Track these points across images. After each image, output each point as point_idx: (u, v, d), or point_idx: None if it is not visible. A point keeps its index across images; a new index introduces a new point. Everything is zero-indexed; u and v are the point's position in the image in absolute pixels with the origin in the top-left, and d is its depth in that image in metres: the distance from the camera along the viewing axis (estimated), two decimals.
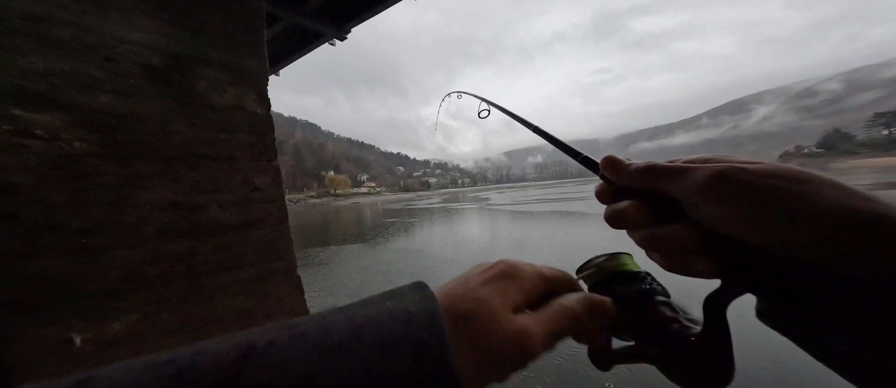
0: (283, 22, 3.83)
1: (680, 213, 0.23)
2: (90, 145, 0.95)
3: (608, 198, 0.28)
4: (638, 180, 0.26)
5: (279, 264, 1.50)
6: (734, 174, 0.20)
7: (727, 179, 0.20)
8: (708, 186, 0.21)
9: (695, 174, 0.22)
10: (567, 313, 0.23)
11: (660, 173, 0.24)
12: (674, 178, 0.23)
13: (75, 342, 0.92)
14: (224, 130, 1.28)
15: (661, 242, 0.24)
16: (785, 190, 0.19)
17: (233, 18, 1.33)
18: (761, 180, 0.20)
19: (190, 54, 1.18)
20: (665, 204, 0.24)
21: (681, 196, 0.23)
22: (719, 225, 0.21)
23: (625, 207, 0.26)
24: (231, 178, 1.30)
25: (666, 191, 0.24)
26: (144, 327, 1.04)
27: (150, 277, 1.06)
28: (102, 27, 0.96)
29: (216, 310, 1.24)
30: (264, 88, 1.46)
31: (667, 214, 0.24)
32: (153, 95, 1.07)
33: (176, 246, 1.12)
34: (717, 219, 0.21)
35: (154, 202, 1.07)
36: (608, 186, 0.28)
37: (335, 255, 9.06)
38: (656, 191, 0.24)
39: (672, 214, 0.24)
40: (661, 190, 0.24)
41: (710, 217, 0.21)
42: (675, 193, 0.23)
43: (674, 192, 0.23)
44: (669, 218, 0.24)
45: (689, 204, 0.22)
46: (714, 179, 0.21)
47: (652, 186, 0.25)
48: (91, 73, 0.94)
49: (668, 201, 0.24)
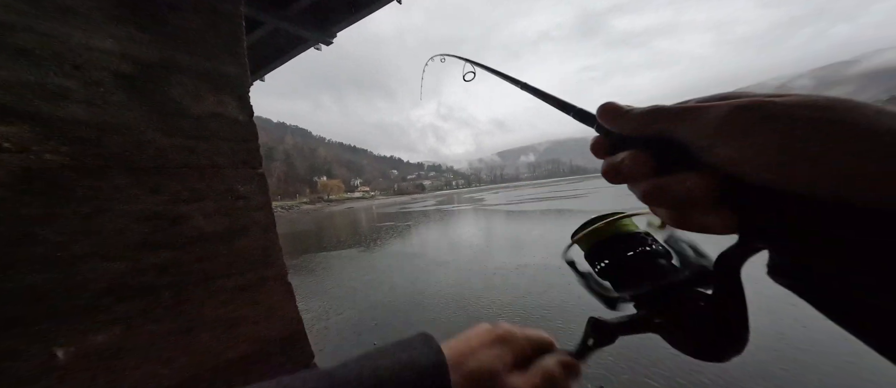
0: (265, 26, 3.79)
1: (690, 160, 0.20)
2: (62, 157, 0.92)
3: (605, 151, 0.25)
4: (641, 126, 0.23)
5: (268, 272, 1.48)
6: (760, 108, 0.18)
7: (751, 114, 0.18)
8: (727, 124, 0.18)
9: (710, 112, 0.19)
10: (547, 375, 0.26)
11: (667, 115, 0.21)
12: (685, 119, 0.20)
13: (58, 356, 0.90)
14: (203, 139, 1.26)
15: (667, 193, 0.21)
16: (825, 120, 0.16)
17: (209, 23, 1.31)
18: (794, 112, 0.17)
19: (164, 61, 1.16)
20: (672, 151, 0.21)
21: (693, 139, 0.20)
22: (740, 169, 0.18)
23: (624, 157, 0.23)
24: (213, 186, 1.28)
25: (674, 135, 0.21)
26: (130, 338, 1.02)
27: (134, 288, 1.04)
28: (70, 35, 0.94)
29: (205, 319, 1.22)
30: (246, 94, 1.44)
31: (674, 162, 0.21)
32: (126, 103, 1.05)
33: (158, 257, 1.10)
34: (737, 162, 0.18)
35: (133, 213, 1.04)
36: (605, 138, 0.25)
37: (329, 261, 8.98)
38: (662, 137, 0.22)
39: (681, 161, 0.21)
40: (669, 135, 0.21)
41: (729, 161, 0.18)
42: (686, 136, 0.20)
43: (684, 135, 0.20)
44: (677, 166, 0.21)
45: (703, 147, 0.19)
46: (735, 114, 0.18)
47: (658, 131, 0.22)
48: (59, 82, 0.92)
49: (676, 147, 0.21)
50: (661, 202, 0.22)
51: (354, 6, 3.96)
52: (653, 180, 0.22)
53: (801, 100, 0.17)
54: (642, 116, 0.22)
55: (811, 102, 0.17)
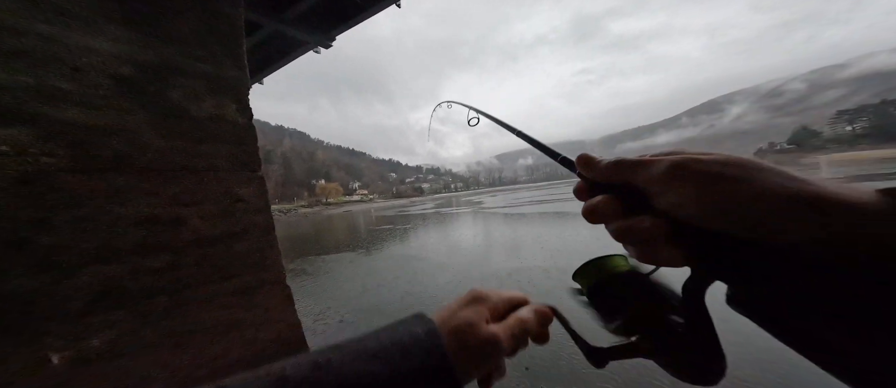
0: (265, 30, 3.80)
1: (647, 204, 0.24)
2: (60, 160, 0.92)
3: (585, 194, 0.29)
4: (608, 175, 0.27)
5: (267, 275, 1.48)
6: (687, 164, 0.22)
7: (682, 169, 0.22)
8: (666, 177, 0.23)
9: (656, 166, 0.24)
10: (520, 320, 0.31)
11: (626, 167, 0.26)
12: (638, 170, 0.25)
13: (53, 361, 0.89)
14: (203, 141, 1.26)
15: (630, 233, 0.25)
16: (732, 177, 0.20)
17: (209, 27, 1.31)
18: (711, 168, 0.21)
19: (164, 64, 1.16)
20: (634, 196, 0.25)
21: (646, 187, 0.24)
22: (680, 213, 0.22)
23: (598, 201, 0.27)
24: (212, 189, 1.28)
25: (633, 183, 0.25)
26: (126, 342, 1.01)
27: (130, 292, 1.03)
28: (69, 37, 0.94)
29: (202, 322, 1.21)
30: (245, 97, 1.44)
31: (635, 205, 0.25)
32: (126, 106, 1.05)
33: (155, 260, 1.09)
34: (676, 207, 0.22)
35: (130, 217, 1.04)
36: (584, 183, 0.30)
37: (327, 264, 8.93)
38: (626, 184, 0.26)
39: (640, 205, 0.25)
40: (630, 183, 0.25)
41: (671, 206, 0.23)
42: (641, 184, 0.25)
43: (640, 183, 0.25)
44: (638, 210, 0.25)
45: (653, 194, 0.24)
46: (670, 169, 0.23)
47: (621, 179, 0.26)
48: (58, 85, 0.91)
49: (636, 193, 0.25)
50: (628, 240, 0.26)
51: (354, 9, 3.99)
52: (620, 222, 0.26)
53: (719, 159, 0.22)
54: (608, 167, 0.27)
55: (724, 161, 0.21)
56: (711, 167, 0.21)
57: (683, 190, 0.22)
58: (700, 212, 0.21)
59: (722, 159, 0.22)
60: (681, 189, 0.22)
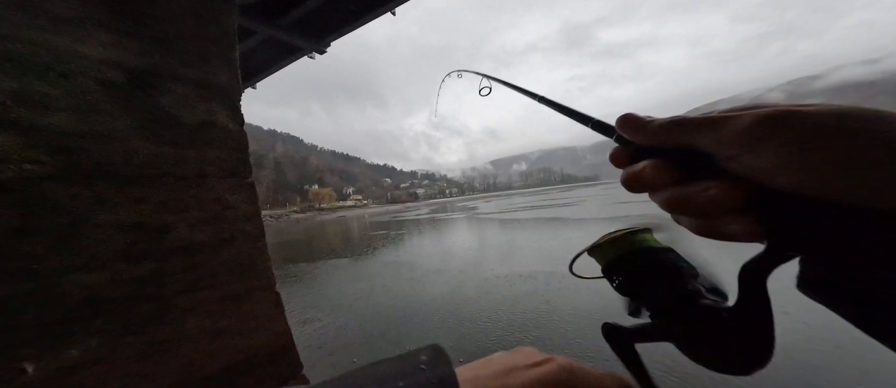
0: (258, 35, 3.80)
1: (714, 169, 0.20)
2: (43, 167, 0.90)
3: (625, 161, 0.25)
4: (663, 137, 0.23)
5: (256, 282, 1.46)
6: (786, 117, 0.18)
7: (778, 123, 0.18)
8: (753, 133, 0.18)
9: (735, 122, 0.19)
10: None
11: (690, 126, 0.21)
12: (709, 129, 0.20)
13: (27, 371, 0.86)
14: (193, 147, 1.25)
15: (690, 201, 0.21)
16: (850, 130, 0.16)
17: (201, 32, 1.31)
18: (820, 120, 0.17)
19: (154, 69, 1.15)
20: (695, 160, 0.21)
21: (717, 149, 0.20)
22: (766, 177, 0.18)
23: (644, 166, 0.23)
24: (201, 196, 1.27)
25: (697, 145, 0.21)
26: (107, 351, 0.98)
27: (113, 300, 1.01)
28: (55, 42, 0.93)
29: (187, 331, 1.19)
30: (237, 103, 1.44)
31: (697, 171, 0.21)
32: (113, 112, 1.04)
33: (140, 268, 1.07)
34: (764, 170, 0.18)
35: (114, 224, 1.02)
36: (624, 149, 0.26)
37: (319, 270, 8.81)
38: (685, 147, 0.22)
39: (704, 170, 0.21)
40: (691, 145, 0.21)
41: (754, 168, 0.19)
42: (710, 145, 0.20)
43: (707, 145, 0.20)
44: (700, 175, 0.21)
45: (728, 156, 0.20)
46: (761, 123, 0.18)
47: (678, 141, 0.22)
48: (43, 90, 0.90)
49: (698, 157, 0.21)
50: (684, 210, 0.22)
51: (349, 17, 4.02)
52: (676, 189, 0.22)
53: (827, 109, 0.18)
54: (664, 127, 0.22)
55: (839, 112, 0.17)
56: (823, 120, 0.17)
57: (780, 150, 0.18)
58: (800, 177, 0.17)
59: (835, 110, 0.17)
60: (777, 149, 0.18)
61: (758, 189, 0.19)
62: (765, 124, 0.18)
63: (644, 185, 0.23)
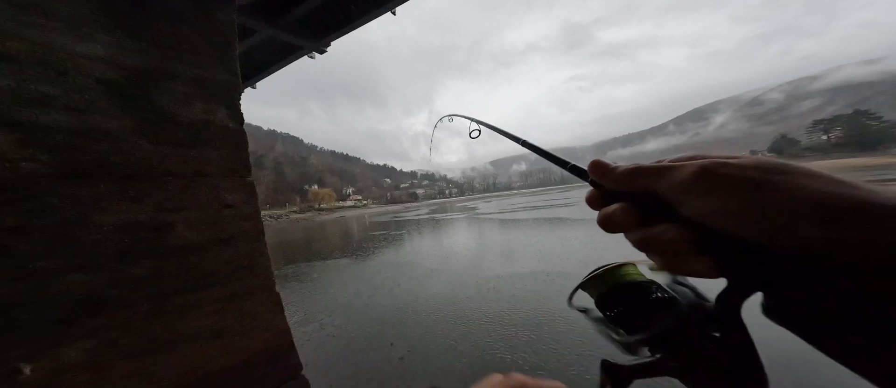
0: (258, 35, 3.80)
1: (669, 212, 0.23)
2: (40, 165, 0.89)
3: (598, 203, 0.28)
4: (625, 183, 0.25)
5: (255, 282, 1.45)
6: (717, 168, 0.20)
7: (711, 174, 0.20)
8: (693, 182, 0.21)
9: (679, 172, 0.22)
10: None
11: (645, 174, 0.24)
12: (659, 177, 0.23)
13: (24, 372, 0.85)
14: (192, 146, 1.24)
15: (653, 242, 0.23)
16: (768, 181, 0.19)
17: (201, 31, 1.31)
18: (744, 173, 0.19)
19: (153, 68, 1.15)
20: (654, 204, 0.23)
21: (668, 195, 0.23)
22: (709, 221, 0.20)
23: (614, 210, 0.25)
24: (200, 195, 1.26)
25: (654, 191, 0.24)
26: (104, 352, 0.98)
27: (110, 300, 1.00)
28: (55, 41, 0.92)
29: (186, 330, 1.18)
30: (236, 102, 1.43)
31: (656, 214, 0.23)
32: (111, 110, 1.03)
33: (138, 267, 1.06)
34: (705, 215, 0.21)
35: (112, 223, 1.01)
36: (598, 191, 0.28)
37: (318, 270, 8.80)
38: (644, 192, 0.24)
39: (662, 213, 0.23)
40: (649, 190, 0.24)
41: (698, 213, 0.21)
42: (663, 192, 0.23)
43: (661, 191, 0.23)
44: (659, 218, 0.23)
45: (677, 202, 0.22)
46: (698, 174, 0.21)
47: (639, 187, 0.24)
48: (42, 89, 0.90)
49: (656, 201, 0.23)
50: (651, 250, 0.24)
51: (349, 16, 4.02)
52: (640, 231, 0.24)
53: (752, 163, 0.20)
54: (625, 174, 0.25)
55: (759, 165, 0.20)
56: (746, 172, 0.19)
57: (714, 198, 0.20)
58: (734, 221, 0.19)
59: (755, 163, 0.20)
60: (711, 197, 0.20)
61: (708, 231, 0.21)
62: (701, 175, 0.21)
63: (615, 226, 0.25)
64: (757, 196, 0.19)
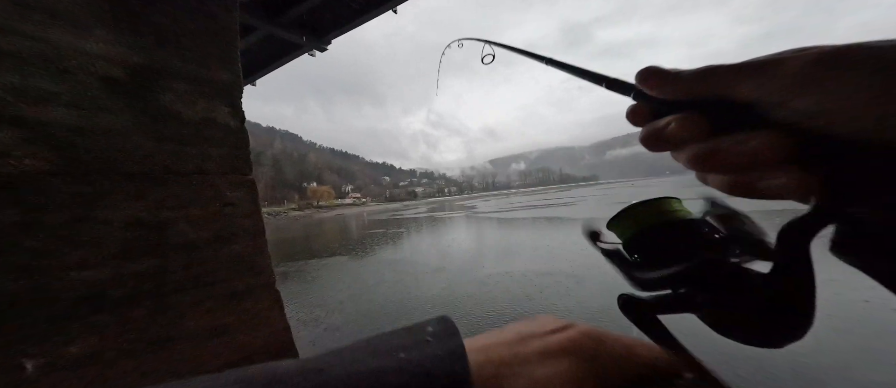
0: (259, 32, 3.78)
1: (753, 118, 0.18)
2: (43, 163, 0.90)
3: (645, 117, 0.23)
4: (694, 88, 0.20)
5: (256, 279, 1.46)
6: (850, 54, 0.16)
7: (840, 60, 0.16)
8: (810, 74, 0.16)
9: (783, 66, 0.17)
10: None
11: (727, 73, 0.19)
12: (748, 75, 0.18)
13: (26, 368, 0.86)
14: (193, 144, 1.25)
15: (725, 155, 0.19)
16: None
17: (203, 29, 1.31)
18: (885, 55, 0.15)
19: (155, 66, 1.15)
20: (731, 111, 0.19)
21: (760, 96, 0.18)
22: (826, 122, 0.16)
23: (671, 120, 0.21)
24: (201, 193, 1.26)
25: (734, 95, 0.19)
26: (106, 348, 0.98)
27: (113, 297, 1.01)
28: (58, 39, 0.92)
29: (187, 328, 1.19)
30: (238, 100, 1.44)
31: (734, 122, 0.19)
32: (114, 108, 1.03)
33: (140, 265, 1.07)
34: (819, 115, 0.16)
35: (113, 221, 1.02)
36: (644, 105, 0.23)
37: (317, 268, 8.81)
38: (719, 97, 0.19)
39: (742, 121, 0.19)
40: (727, 95, 0.19)
41: (811, 114, 0.16)
42: (750, 93, 0.18)
43: (747, 93, 0.18)
44: (738, 126, 0.19)
45: (775, 103, 0.17)
46: (820, 62, 0.16)
47: (713, 91, 0.20)
48: (44, 86, 0.90)
49: (736, 107, 0.19)
50: (716, 166, 0.20)
51: (351, 14, 4.00)
52: (707, 143, 0.20)
53: (890, 44, 0.15)
54: (696, 76, 0.20)
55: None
56: (887, 54, 0.15)
57: (838, 92, 0.15)
58: (866, 121, 0.15)
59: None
60: (834, 91, 0.16)
61: (808, 137, 0.17)
62: (822, 64, 0.16)
63: (668, 140, 0.21)
64: None
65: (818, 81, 0.16)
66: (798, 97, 0.17)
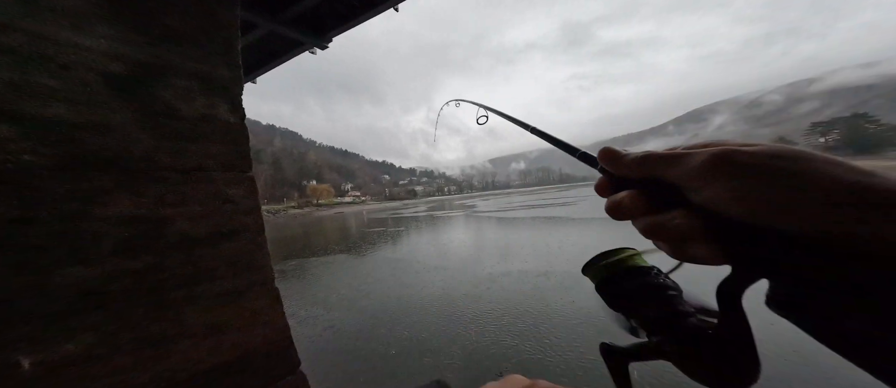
0: (260, 29, 3.77)
1: (680, 199, 0.23)
2: (41, 158, 0.89)
3: (607, 190, 0.28)
4: (635, 170, 0.25)
5: (255, 277, 1.45)
6: (733, 155, 0.20)
7: (726, 161, 0.20)
8: (708, 169, 0.21)
9: (693, 158, 0.22)
10: None
11: (657, 161, 0.24)
12: (672, 164, 0.23)
13: (23, 365, 0.85)
14: (193, 141, 1.24)
15: (662, 229, 0.24)
16: (784, 168, 0.19)
17: (204, 25, 1.30)
18: (760, 160, 0.19)
19: (155, 62, 1.14)
20: (664, 191, 0.24)
21: (680, 182, 0.23)
22: (722, 207, 0.20)
23: (622, 197, 0.25)
24: (200, 190, 1.26)
25: (665, 178, 0.24)
26: (103, 346, 0.98)
27: (110, 294, 1.00)
28: (57, 34, 0.91)
29: (185, 325, 1.18)
30: (238, 97, 1.43)
31: (666, 201, 0.23)
32: (113, 104, 1.03)
33: (137, 262, 1.06)
34: (719, 201, 0.20)
35: (112, 217, 1.01)
36: (607, 179, 0.28)
37: (317, 266, 8.80)
38: (654, 179, 0.24)
39: (672, 200, 0.23)
40: (660, 177, 0.24)
41: (711, 200, 0.21)
42: (675, 178, 0.23)
43: (673, 178, 0.23)
44: (669, 205, 0.23)
45: (690, 189, 0.22)
46: (713, 160, 0.21)
47: (650, 174, 0.24)
48: (44, 82, 0.89)
49: (667, 188, 0.23)
50: (659, 237, 0.24)
51: (352, 12, 3.99)
52: (649, 218, 0.24)
53: (768, 150, 0.20)
54: (636, 161, 0.25)
55: (774, 152, 0.20)
56: (760, 159, 0.19)
57: (727, 185, 0.20)
58: (748, 208, 0.19)
59: (771, 151, 0.20)
60: (724, 184, 0.20)
61: (717, 218, 0.21)
62: (715, 161, 0.21)
63: (623, 213, 0.26)
64: (772, 182, 0.19)
65: (713, 176, 0.21)
66: (704, 187, 0.21)
